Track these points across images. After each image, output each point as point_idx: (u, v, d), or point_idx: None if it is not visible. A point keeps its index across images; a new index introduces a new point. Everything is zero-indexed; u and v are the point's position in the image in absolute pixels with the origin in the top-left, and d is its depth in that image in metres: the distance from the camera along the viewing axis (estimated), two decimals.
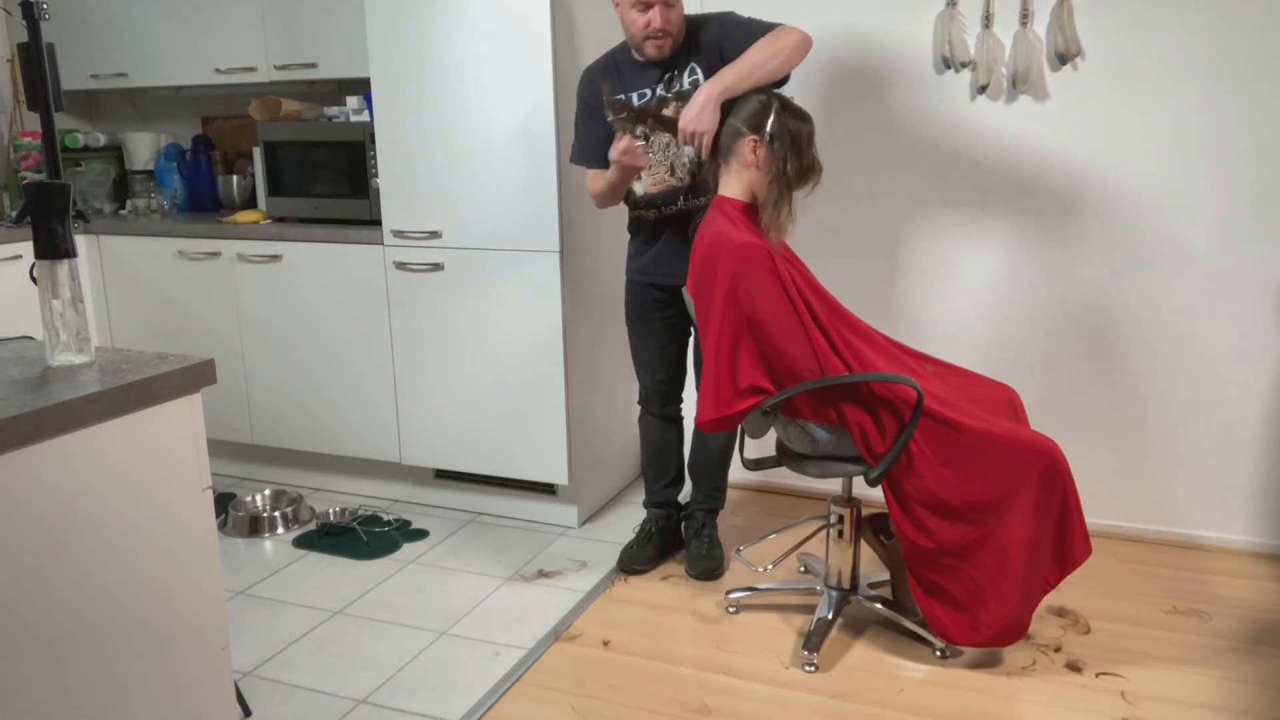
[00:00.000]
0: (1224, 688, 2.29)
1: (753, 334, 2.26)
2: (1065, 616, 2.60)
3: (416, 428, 3.31)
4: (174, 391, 1.56)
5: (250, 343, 3.51)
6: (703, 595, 2.75)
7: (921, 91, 3.03)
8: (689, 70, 2.57)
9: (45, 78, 2.22)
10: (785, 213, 2.33)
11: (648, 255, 2.75)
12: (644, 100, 2.59)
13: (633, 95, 2.60)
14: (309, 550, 3.11)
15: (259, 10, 3.57)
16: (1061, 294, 3.01)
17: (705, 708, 2.24)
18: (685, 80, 2.57)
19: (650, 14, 2.47)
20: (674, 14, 2.50)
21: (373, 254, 3.24)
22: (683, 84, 2.57)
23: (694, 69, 2.56)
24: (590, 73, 2.70)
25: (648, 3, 2.46)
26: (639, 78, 2.61)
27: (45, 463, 1.38)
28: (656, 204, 2.67)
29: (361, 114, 3.38)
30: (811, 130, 2.38)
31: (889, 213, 3.14)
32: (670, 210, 2.67)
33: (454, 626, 2.63)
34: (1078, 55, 2.85)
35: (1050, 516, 2.24)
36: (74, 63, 3.86)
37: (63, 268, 1.54)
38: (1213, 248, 2.84)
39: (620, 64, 2.65)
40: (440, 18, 2.96)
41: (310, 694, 2.33)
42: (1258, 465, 2.92)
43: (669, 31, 2.50)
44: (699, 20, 2.60)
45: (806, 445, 2.38)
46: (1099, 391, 3.02)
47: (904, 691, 2.29)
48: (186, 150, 4.07)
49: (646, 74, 2.60)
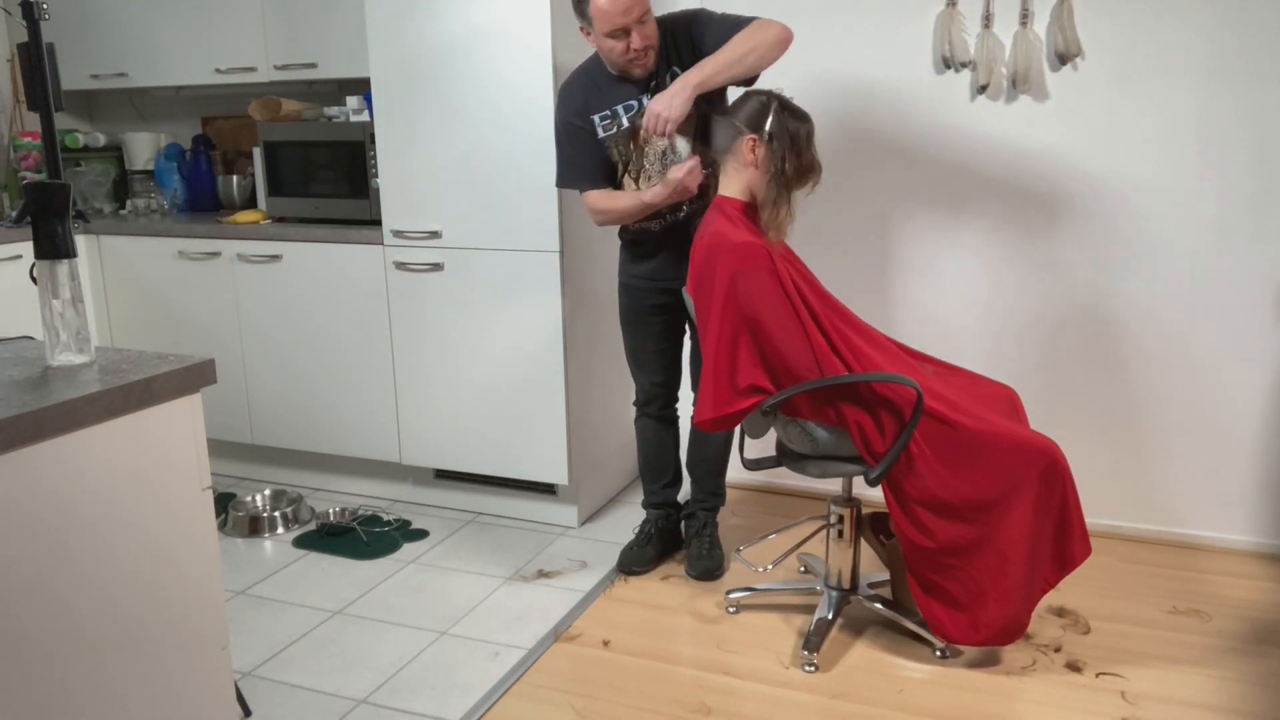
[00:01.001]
0: (1224, 688, 2.29)
1: (752, 333, 2.26)
2: (1065, 616, 2.60)
3: (416, 428, 3.31)
4: (174, 391, 1.56)
5: (250, 343, 3.51)
6: (703, 595, 2.75)
7: (921, 91, 3.03)
8: (672, 74, 2.53)
9: (45, 78, 2.22)
10: (785, 212, 2.33)
11: (652, 263, 2.72)
12: (631, 112, 2.57)
13: (618, 108, 2.58)
14: (309, 550, 3.11)
15: (259, 10, 3.57)
16: (1061, 293, 3.01)
17: (705, 708, 2.24)
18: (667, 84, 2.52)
19: (629, 39, 2.42)
20: (649, 29, 2.46)
21: (373, 254, 3.24)
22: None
23: (674, 71, 2.53)
24: (569, 89, 2.64)
25: (624, 29, 2.41)
26: (621, 90, 2.57)
27: (45, 463, 1.38)
28: (663, 214, 2.64)
29: (361, 114, 3.38)
30: (811, 130, 2.38)
31: (889, 212, 3.14)
32: (675, 218, 2.65)
33: (454, 626, 2.63)
34: (1078, 55, 2.85)
35: (1050, 516, 2.24)
36: (74, 63, 3.86)
37: (63, 268, 1.54)
38: (1212, 248, 2.84)
39: (597, 78, 2.60)
40: (440, 18, 2.96)
41: (310, 694, 2.33)
42: (1257, 465, 2.92)
43: (650, 46, 2.47)
44: (670, 21, 2.56)
45: (806, 445, 2.38)
46: (1099, 391, 3.02)
47: (904, 691, 2.29)
48: (186, 150, 4.07)
49: (624, 89, 2.57)
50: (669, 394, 2.90)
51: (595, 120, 2.59)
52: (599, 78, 2.59)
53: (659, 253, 2.71)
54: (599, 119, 2.59)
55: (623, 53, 2.45)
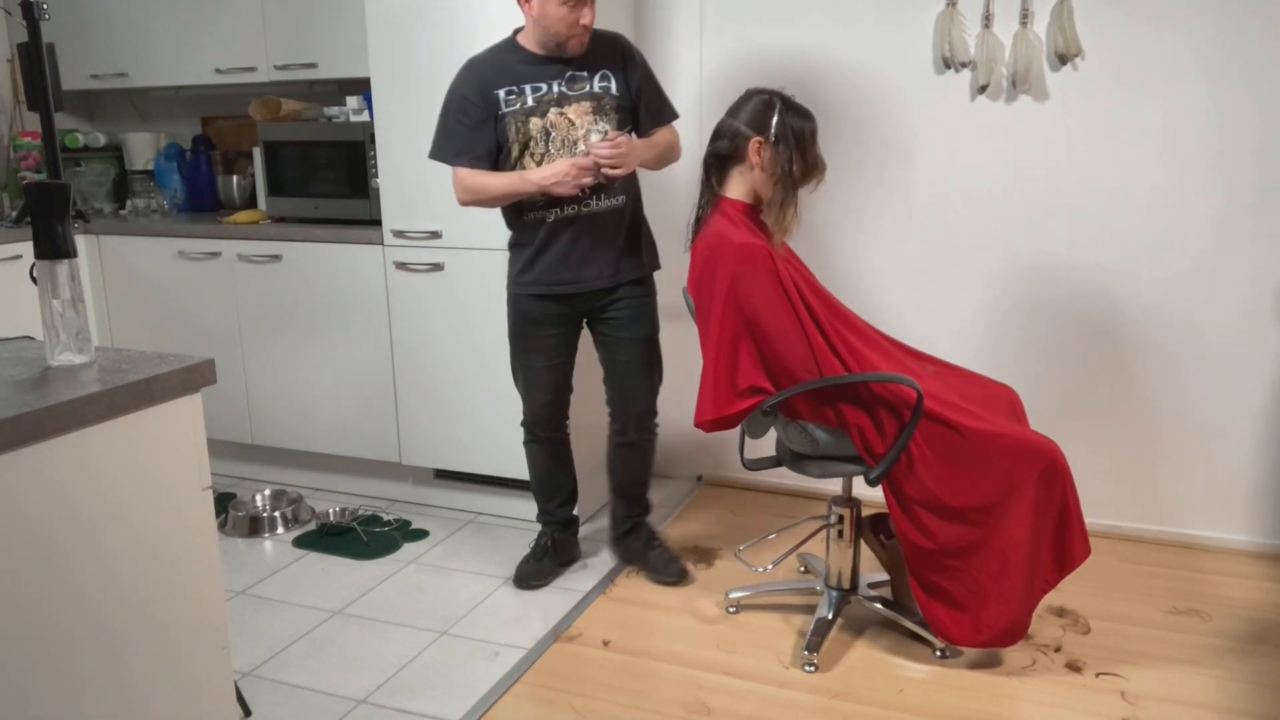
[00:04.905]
0: (1224, 688, 2.29)
1: (752, 334, 2.26)
2: (1065, 616, 2.60)
3: (416, 428, 3.31)
4: (174, 391, 1.56)
5: (250, 343, 3.51)
6: (703, 595, 2.75)
7: (921, 91, 3.03)
8: (600, 75, 2.55)
9: (45, 78, 2.22)
10: (791, 213, 2.32)
11: (540, 264, 2.62)
12: (539, 93, 2.52)
13: (526, 86, 2.52)
14: (309, 550, 3.11)
15: (259, 10, 3.57)
16: (1061, 294, 3.01)
17: (705, 708, 2.24)
18: (595, 83, 2.54)
19: (582, 10, 2.43)
20: (594, 12, 2.48)
21: (373, 254, 3.24)
22: (592, 85, 2.54)
23: (607, 75, 2.55)
24: (472, 65, 2.57)
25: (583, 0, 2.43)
26: (536, 71, 2.53)
27: (45, 463, 1.38)
28: (560, 203, 2.55)
29: (361, 114, 3.38)
30: (814, 128, 2.37)
31: (888, 212, 3.14)
32: (570, 211, 2.57)
33: (454, 626, 2.62)
34: (1078, 55, 2.85)
35: (1050, 517, 2.24)
36: (74, 63, 3.86)
37: (63, 268, 1.54)
38: (1213, 247, 2.84)
39: (508, 57, 2.55)
40: (440, 18, 2.96)
41: (310, 694, 2.33)
42: (1258, 465, 2.92)
43: (590, 29, 2.49)
44: (615, 39, 2.61)
45: (806, 445, 2.38)
46: (1099, 391, 3.02)
47: (904, 691, 2.29)
48: (186, 150, 4.07)
49: (546, 68, 2.53)
50: (560, 415, 2.81)
51: (500, 95, 2.52)
52: (510, 58, 2.55)
53: (549, 252, 2.61)
54: (504, 93, 2.52)
55: (572, 24, 2.44)
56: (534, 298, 2.66)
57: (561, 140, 2.53)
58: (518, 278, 2.67)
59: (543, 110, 2.52)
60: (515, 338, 2.74)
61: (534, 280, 2.64)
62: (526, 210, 2.60)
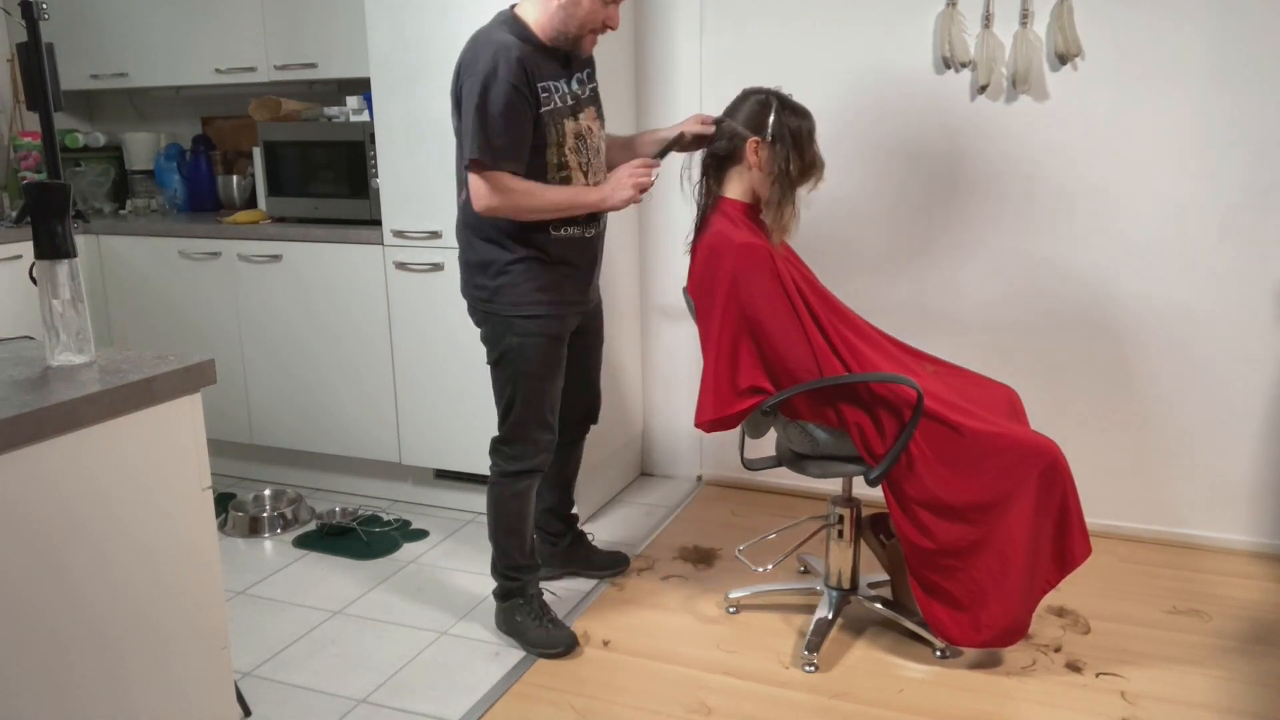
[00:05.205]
0: (1224, 688, 2.29)
1: (752, 334, 2.26)
2: (1065, 616, 2.60)
3: (416, 428, 3.31)
4: (174, 391, 1.56)
5: (250, 343, 3.51)
6: (703, 595, 2.75)
7: (921, 91, 3.03)
8: (588, 75, 2.43)
9: (45, 78, 2.22)
10: (789, 212, 2.32)
11: (572, 281, 2.41)
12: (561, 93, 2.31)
13: (552, 84, 2.28)
14: (309, 550, 3.11)
15: (259, 10, 3.57)
16: (1061, 294, 3.01)
17: (705, 708, 2.24)
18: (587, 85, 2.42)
19: (613, 9, 2.26)
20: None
21: (373, 254, 3.24)
22: (585, 88, 2.41)
23: (594, 78, 2.44)
24: (508, 51, 2.20)
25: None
26: (554, 67, 2.30)
27: (45, 463, 1.38)
28: (597, 219, 2.43)
29: (361, 114, 3.38)
30: (812, 127, 2.36)
31: (888, 212, 3.14)
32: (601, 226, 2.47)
33: (454, 626, 2.62)
34: (1078, 55, 2.85)
35: (1050, 516, 2.24)
36: (74, 63, 3.86)
37: (63, 268, 1.54)
38: (1212, 248, 2.84)
39: (529, 46, 2.25)
40: (440, 18, 2.96)
41: (310, 694, 2.33)
42: (1258, 465, 2.92)
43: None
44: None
45: (806, 445, 2.38)
46: (1099, 391, 3.02)
47: (904, 691, 2.29)
48: (186, 150, 4.07)
49: (559, 65, 2.32)
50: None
51: (538, 90, 2.25)
52: (529, 45, 2.25)
53: (579, 266, 2.42)
54: (540, 88, 2.25)
55: (600, 22, 2.26)
56: (560, 318, 2.41)
57: (596, 149, 2.40)
58: (548, 297, 2.36)
59: (574, 112, 2.33)
60: (546, 363, 2.39)
61: (564, 298, 2.40)
62: (565, 224, 2.34)
